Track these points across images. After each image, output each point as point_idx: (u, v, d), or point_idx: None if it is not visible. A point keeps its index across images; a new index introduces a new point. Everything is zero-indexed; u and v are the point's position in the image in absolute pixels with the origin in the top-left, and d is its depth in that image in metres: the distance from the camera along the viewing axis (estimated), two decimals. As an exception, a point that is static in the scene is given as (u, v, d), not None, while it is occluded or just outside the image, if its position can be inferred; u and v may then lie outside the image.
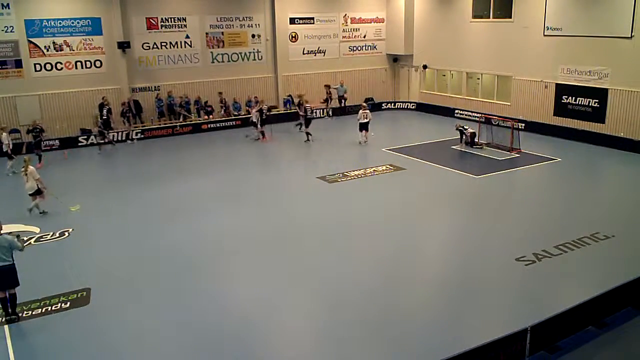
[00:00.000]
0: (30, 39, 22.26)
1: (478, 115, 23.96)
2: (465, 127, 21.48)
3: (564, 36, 22.35)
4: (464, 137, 21.21)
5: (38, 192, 14.63)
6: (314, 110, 24.56)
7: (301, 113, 23.27)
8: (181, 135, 24.25)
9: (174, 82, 25.26)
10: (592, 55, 21.48)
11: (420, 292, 10.53)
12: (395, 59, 30.89)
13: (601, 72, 21.24)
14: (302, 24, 28.07)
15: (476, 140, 21.10)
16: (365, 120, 21.43)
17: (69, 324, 9.44)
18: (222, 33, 26.13)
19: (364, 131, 21.55)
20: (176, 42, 25.14)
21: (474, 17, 26.24)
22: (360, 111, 21.64)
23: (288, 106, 27.61)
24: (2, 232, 9.47)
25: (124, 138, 23.33)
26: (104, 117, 22.20)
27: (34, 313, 9.78)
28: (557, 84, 22.93)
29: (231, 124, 25.57)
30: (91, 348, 8.74)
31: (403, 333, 8.98)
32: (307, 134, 22.56)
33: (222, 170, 18.83)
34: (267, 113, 23.80)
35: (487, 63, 25.92)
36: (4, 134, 19.52)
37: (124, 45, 23.66)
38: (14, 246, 9.41)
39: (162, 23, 24.69)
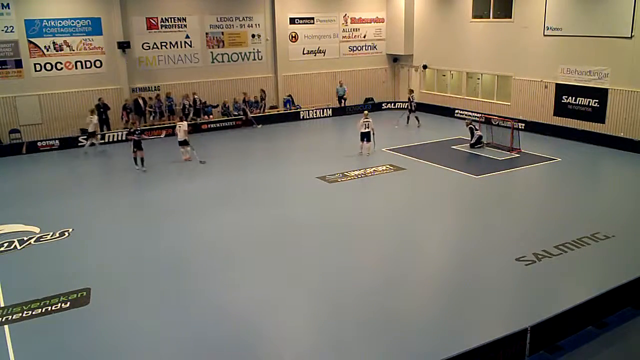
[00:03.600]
0: (30, 39, 22.26)
1: (478, 115, 23.96)
2: (477, 127, 21.25)
3: (564, 36, 22.35)
4: (474, 136, 21.01)
5: None
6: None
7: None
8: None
9: (174, 82, 25.26)
10: (592, 55, 21.48)
11: (420, 292, 10.53)
12: (395, 59, 30.89)
13: (601, 72, 21.24)
14: (302, 24, 28.07)
15: (482, 141, 21.00)
16: (367, 130, 19.59)
17: (69, 324, 9.44)
18: (222, 33, 26.13)
19: (364, 141, 19.79)
20: (176, 42, 25.15)
21: (474, 17, 26.25)
22: (362, 119, 19.75)
23: (288, 106, 27.61)
24: None
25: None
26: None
27: (34, 313, 9.78)
28: (557, 84, 22.94)
29: (231, 124, 25.58)
30: (91, 348, 8.74)
31: (403, 333, 8.98)
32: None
33: (221, 170, 18.82)
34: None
35: (487, 63, 25.92)
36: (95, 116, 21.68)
37: (124, 45, 23.66)
38: None
39: (162, 23, 24.69)
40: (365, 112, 20.51)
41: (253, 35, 26.93)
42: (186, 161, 19.55)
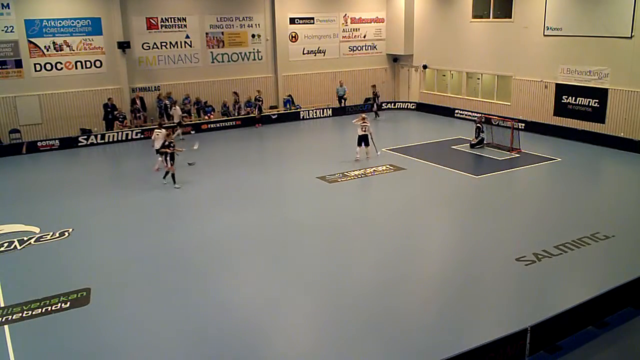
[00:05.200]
0: (30, 39, 22.26)
1: (478, 115, 23.94)
2: (483, 129, 21.08)
3: (564, 36, 22.35)
4: (479, 135, 20.92)
5: None
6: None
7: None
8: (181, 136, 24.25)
9: (174, 82, 25.26)
10: (592, 55, 21.48)
11: (420, 292, 10.53)
12: (395, 59, 30.89)
13: (601, 72, 21.24)
14: (302, 24, 28.06)
15: (484, 142, 20.97)
16: (365, 133, 18.74)
17: (69, 324, 9.44)
18: (222, 33, 26.13)
19: (362, 145, 19.00)
20: (176, 42, 25.15)
21: (474, 17, 26.25)
22: (360, 122, 18.89)
23: (288, 106, 27.61)
24: None
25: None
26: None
27: (34, 313, 9.78)
28: (557, 84, 22.93)
29: (231, 124, 25.58)
30: (91, 348, 8.74)
31: (403, 333, 8.98)
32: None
33: (221, 169, 18.81)
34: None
35: (487, 63, 25.92)
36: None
37: (124, 45, 23.66)
38: None
39: (162, 23, 24.69)
40: (363, 115, 19.63)
41: (253, 35, 26.93)
42: (157, 171, 18.03)
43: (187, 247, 12.53)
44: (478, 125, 21.15)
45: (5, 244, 12.80)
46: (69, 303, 10.08)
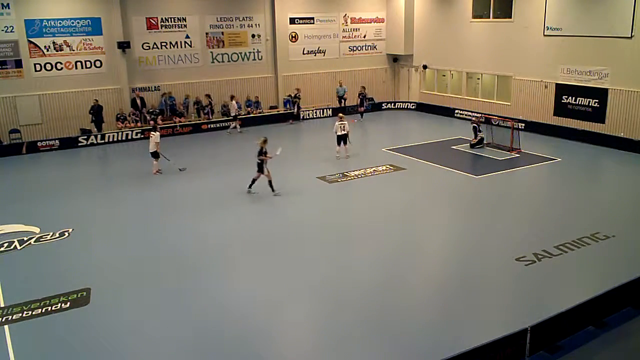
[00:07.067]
0: (30, 39, 22.26)
1: (478, 115, 23.94)
2: (480, 128, 21.15)
3: (564, 36, 22.35)
4: (477, 135, 20.97)
5: None
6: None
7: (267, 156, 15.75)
8: (181, 135, 24.26)
9: (174, 82, 25.26)
10: (592, 55, 21.48)
11: (420, 292, 10.53)
12: (395, 59, 30.89)
13: (601, 72, 21.24)
14: (302, 24, 28.07)
15: (484, 142, 20.96)
16: (343, 132, 19.17)
17: (69, 324, 9.44)
18: (222, 33, 26.14)
19: (342, 144, 19.38)
20: (176, 42, 25.15)
21: (474, 17, 26.25)
22: (337, 122, 19.23)
23: (288, 106, 27.60)
24: None
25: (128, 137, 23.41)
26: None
27: (34, 313, 9.78)
28: (557, 84, 22.94)
29: (232, 124, 25.57)
30: (91, 348, 8.74)
31: (403, 333, 8.98)
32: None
33: (222, 170, 18.81)
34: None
35: (487, 63, 25.92)
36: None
37: (124, 45, 23.66)
38: None
39: (162, 23, 24.69)
40: (340, 114, 19.80)
41: (253, 35, 26.93)
42: (157, 174, 18.16)
43: (187, 247, 12.53)
44: (474, 125, 21.17)
45: (5, 244, 12.80)
46: (69, 303, 10.08)
